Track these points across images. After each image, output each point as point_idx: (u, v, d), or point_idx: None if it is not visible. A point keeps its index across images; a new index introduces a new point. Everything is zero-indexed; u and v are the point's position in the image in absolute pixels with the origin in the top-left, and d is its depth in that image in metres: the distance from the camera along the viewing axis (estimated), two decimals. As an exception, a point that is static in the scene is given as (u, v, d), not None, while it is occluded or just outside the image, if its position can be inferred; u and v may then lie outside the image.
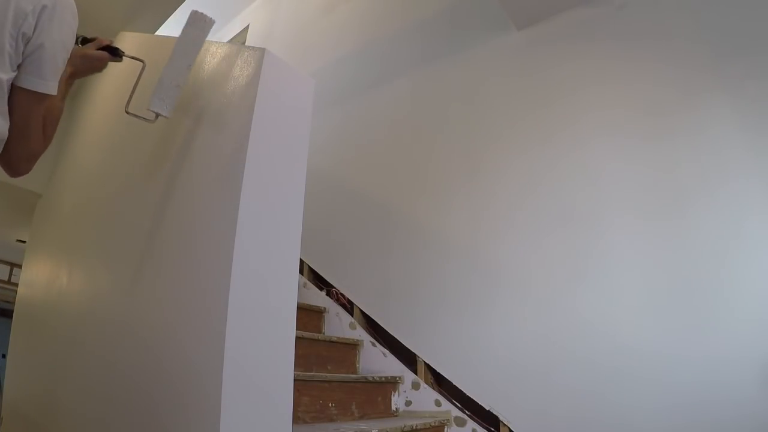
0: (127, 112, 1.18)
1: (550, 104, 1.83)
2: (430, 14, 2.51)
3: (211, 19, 1.16)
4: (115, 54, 1.14)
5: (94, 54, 1.10)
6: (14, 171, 0.90)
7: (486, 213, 1.87)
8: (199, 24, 1.15)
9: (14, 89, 0.83)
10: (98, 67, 1.12)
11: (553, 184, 1.71)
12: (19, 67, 0.82)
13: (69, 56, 0.91)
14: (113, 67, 1.30)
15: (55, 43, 0.84)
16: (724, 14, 1.48)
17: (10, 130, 0.84)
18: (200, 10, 1.16)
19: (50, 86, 0.85)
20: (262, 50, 1.11)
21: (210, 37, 1.24)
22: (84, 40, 1.13)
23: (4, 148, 0.85)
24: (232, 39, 4.39)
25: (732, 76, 1.41)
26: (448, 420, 1.69)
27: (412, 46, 2.54)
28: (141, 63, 1.21)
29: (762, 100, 1.34)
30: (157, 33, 2.65)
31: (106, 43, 1.13)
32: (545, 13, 1.93)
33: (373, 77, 2.71)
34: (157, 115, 1.14)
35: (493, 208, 1.86)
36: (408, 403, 1.83)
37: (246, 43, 4.12)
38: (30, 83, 0.83)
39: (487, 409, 1.62)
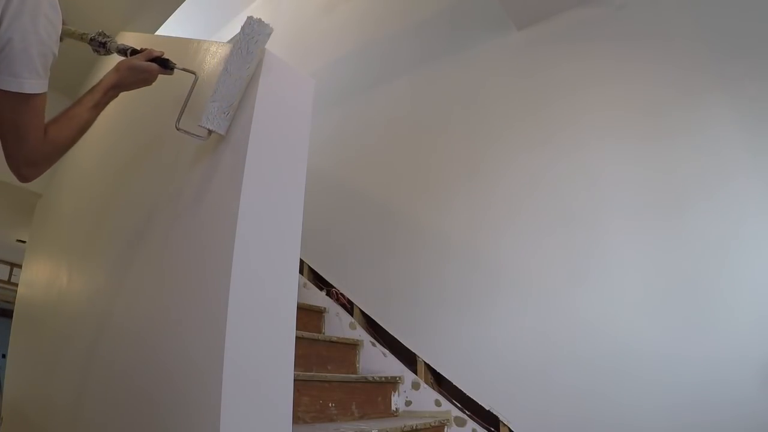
0: (178, 129, 1.08)
1: (550, 104, 1.83)
2: (430, 14, 2.51)
3: (268, 25, 1.04)
4: (166, 66, 1.08)
5: (143, 66, 1.04)
6: (18, 176, 0.87)
7: (486, 213, 1.87)
8: (255, 31, 1.03)
9: None
10: (147, 79, 1.07)
11: (553, 184, 1.71)
12: None
13: (53, 52, 0.83)
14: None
15: (27, 35, 0.76)
16: (724, 14, 1.48)
17: (3, 134, 0.81)
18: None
19: (26, 84, 0.78)
20: (263, 50, 1.11)
21: (209, 37, 1.24)
22: (133, 51, 1.08)
23: (6, 150, 0.82)
24: (232, 39, 4.39)
25: (732, 76, 1.41)
26: (448, 420, 1.69)
27: (412, 46, 2.54)
28: (193, 75, 1.11)
29: (762, 100, 1.34)
30: (156, 33, 2.65)
31: (156, 54, 1.07)
32: (545, 13, 1.93)
33: (373, 77, 2.71)
34: (210, 132, 1.04)
35: (493, 208, 1.86)
36: (408, 403, 1.83)
37: (246, 43, 4.11)
38: (3, 83, 0.77)
39: (487, 409, 1.62)
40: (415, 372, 1.86)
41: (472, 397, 1.67)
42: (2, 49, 0.75)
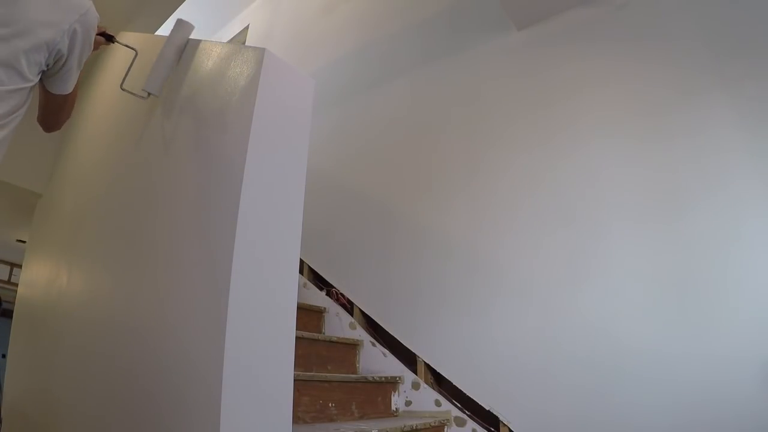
0: (122, 89, 1.43)
1: (550, 104, 1.83)
2: (430, 14, 2.51)
3: (191, 24, 1.45)
4: (109, 39, 1.34)
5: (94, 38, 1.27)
6: (50, 131, 1.16)
7: (486, 213, 1.87)
8: (183, 28, 1.44)
9: (45, 90, 1.02)
10: (93, 49, 1.28)
11: (553, 185, 1.71)
12: (44, 72, 0.96)
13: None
14: (114, 69, 1.31)
15: (83, 55, 1.01)
16: (724, 14, 1.48)
17: (47, 114, 1.09)
18: (184, 17, 1.42)
19: (73, 85, 1.05)
20: (263, 50, 1.11)
21: (210, 37, 1.28)
22: None
23: (44, 120, 1.11)
24: (232, 39, 4.40)
25: (732, 76, 1.41)
26: (448, 420, 1.69)
27: (412, 46, 2.54)
28: (134, 51, 1.43)
29: (761, 101, 1.34)
30: (156, 33, 2.65)
31: (103, 29, 1.30)
32: (545, 13, 1.93)
33: (373, 77, 2.71)
34: (149, 93, 1.40)
35: (493, 208, 1.86)
36: (408, 403, 1.83)
37: (246, 43, 4.12)
38: (60, 90, 1.02)
39: (487, 409, 1.62)
40: (415, 372, 1.86)
41: (472, 397, 1.67)
42: (67, 71, 1.00)
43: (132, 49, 1.43)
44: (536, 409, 1.52)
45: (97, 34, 1.22)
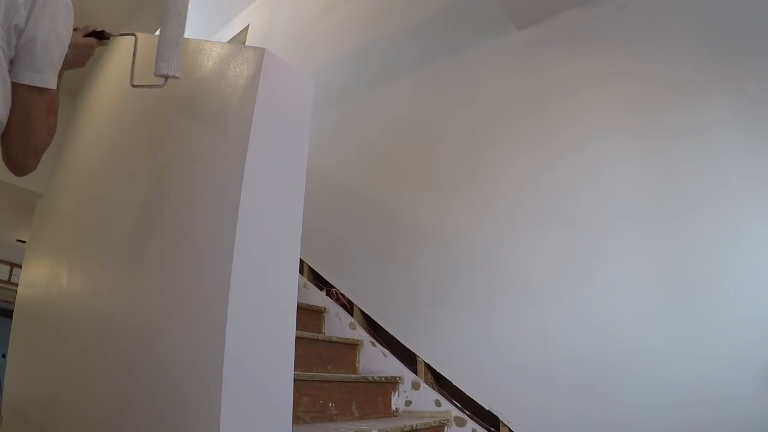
0: (133, 85, 1.14)
1: (550, 104, 1.83)
2: (430, 14, 2.51)
3: None
4: (102, 37, 1.10)
5: (82, 41, 1.04)
6: (20, 169, 0.87)
7: (486, 213, 1.87)
8: None
9: (13, 85, 0.80)
10: (86, 55, 1.06)
11: (553, 185, 1.71)
12: (12, 61, 0.79)
13: (66, 52, 0.86)
14: (113, 68, 1.31)
15: (49, 34, 0.81)
16: (724, 14, 1.48)
17: (11, 127, 0.82)
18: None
19: (47, 80, 0.82)
20: (263, 50, 1.12)
21: (210, 37, 1.26)
22: None
23: (6, 147, 0.83)
24: (232, 39, 4.40)
25: (732, 77, 1.41)
26: (448, 420, 1.69)
27: (412, 46, 2.54)
28: (133, 36, 1.20)
29: (762, 101, 1.34)
30: (156, 33, 2.65)
31: (92, 28, 1.07)
32: (545, 13, 1.93)
33: (373, 77, 2.71)
34: (166, 78, 1.07)
35: (493, 208, 1.86)
36: (408, 403, 1.83)
37: (246, 43, 4.12)
38: (26, 78, 0.80)
39: (487, 409, 1.62)
40: (415, 372, 1.86)
41: (472, 397, 1.67)
42: (25, 46, 0.79)
43: (132, 35, 1.21)
44: (536, 409, 1.52)
45: (86, 35, 1.05)
